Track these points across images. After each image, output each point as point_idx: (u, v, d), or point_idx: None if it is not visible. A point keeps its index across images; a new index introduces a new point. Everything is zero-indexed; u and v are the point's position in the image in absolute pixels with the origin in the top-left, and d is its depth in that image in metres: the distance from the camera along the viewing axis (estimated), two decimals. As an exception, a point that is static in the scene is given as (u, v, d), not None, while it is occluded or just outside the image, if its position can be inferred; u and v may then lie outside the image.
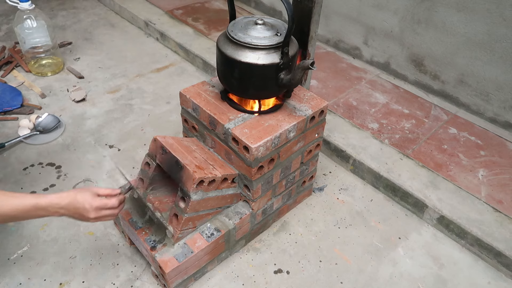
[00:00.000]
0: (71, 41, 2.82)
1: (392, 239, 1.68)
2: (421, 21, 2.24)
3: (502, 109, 2.10)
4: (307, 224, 1.71)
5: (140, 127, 2.15)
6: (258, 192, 1.46)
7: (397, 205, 1.82)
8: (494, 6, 1.93)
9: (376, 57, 2.56)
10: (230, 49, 1.31)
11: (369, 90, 2.37)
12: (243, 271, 1.53)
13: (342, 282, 1.51)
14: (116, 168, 1.88)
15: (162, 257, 1.33)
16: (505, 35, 1.95)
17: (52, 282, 1.44)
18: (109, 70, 2.58)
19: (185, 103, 1.53)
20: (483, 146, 2.01)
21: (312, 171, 1.72)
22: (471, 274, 1.57)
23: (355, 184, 1.91)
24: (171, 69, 2.64)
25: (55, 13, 3.18)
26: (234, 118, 1.40)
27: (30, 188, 1.76)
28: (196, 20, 3.00)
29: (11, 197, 1.11)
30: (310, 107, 1.48)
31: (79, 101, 2.28)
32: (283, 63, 1.30)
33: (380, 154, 1.92)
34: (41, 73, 2.47)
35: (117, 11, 3.24)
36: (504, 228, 1.61)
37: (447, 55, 2.21)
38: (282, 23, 1.40)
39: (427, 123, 2.14)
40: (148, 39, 2.95)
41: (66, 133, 2.07)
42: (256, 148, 1.30)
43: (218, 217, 1.47)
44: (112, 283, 1.45)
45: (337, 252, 1.61)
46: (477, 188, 1.78)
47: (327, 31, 2.76)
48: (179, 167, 1.34)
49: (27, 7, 2.22)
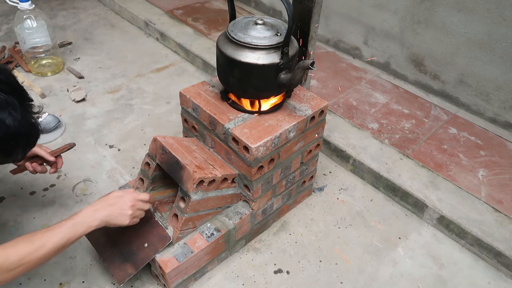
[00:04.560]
0: (71, 41, 2.82)
1: (392, 239, 1.68)
2: (421, 21, 2.24)
3: (502, 109, 2.10)
4: (307, 224, 1.71)
5: (140, 127, 2.15)
6: (258, 192, 1.46)
7: (397, 205, 1.82)
8: (494, 6, 1.93)
9: (376, 57, 2.56)
10: (230, 49, 1.31)
11: (369, 90, 2.37)
12: (243, 271, 1.53)
13: (342, 282, 1.51)
14: (116, 168, 1.88)
15: (162, 257, 1.33)
16: (505, 35, 1.95)
17: (52, 282, 1.44)
18: (109, 70, 2.58)
19: (185, 103, 1.53)
20: (483, 146, 2.01)
21: (312, 171, 1.72)
22: (471, 274, 1.57)
23: (355, 184, 1.91)
24: (171, 69, 2.64)
25: (55, 13, 3.18)
26: (234, 118, 1.40)
27: (30, 188, 1.76)
28: (196, 20, 3.00)
29: (45, 232, 1.11)
30: (310, 107, 1.48)
31: (79, 101, 2.28)
32: (283, 63, 1.30)
33: (380, 154, 1.92)
34: (41, 73, 2.47)
35: (117, 11, 3.24)
36: (504, 228, 1.61)
37: (447, 55, 2.21)
38: (282, 23, 1.40)
39: (427, 123, 2.14)
40: (148, 39, 2.95)
41: (66, 133, 2.07)
42: (256, 148, 1.30)
43: (218, 217, 1.47)
44: (112, 283, 1.45)
45: (337, 252, 1.61)
46: (477, 188, 1.78)
47: (327, 31, 2.76)
48: (179, 167, 1.34)
49: (27, 7, 2.22)
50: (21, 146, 1.16)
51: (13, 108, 1.05)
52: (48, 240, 1.10)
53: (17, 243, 1.07)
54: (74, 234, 1.14)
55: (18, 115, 1.06)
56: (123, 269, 1.34)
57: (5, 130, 1.04)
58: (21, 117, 1.07)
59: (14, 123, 1.05)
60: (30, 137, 1.17)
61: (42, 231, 1.12)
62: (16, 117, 1.05)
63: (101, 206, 1.21)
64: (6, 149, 1.11)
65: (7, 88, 1.07)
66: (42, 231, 1.12)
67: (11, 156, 1.15)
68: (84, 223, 1.16)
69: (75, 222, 1.15)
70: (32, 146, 1.22)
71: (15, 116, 1.05)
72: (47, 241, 1.10)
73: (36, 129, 1.18)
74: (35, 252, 1.07)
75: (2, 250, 1.04)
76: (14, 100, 1.06)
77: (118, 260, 1.36)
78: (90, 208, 1.20)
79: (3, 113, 1.03)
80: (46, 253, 1.09)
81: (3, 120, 1.03)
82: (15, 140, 1.10)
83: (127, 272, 1.33)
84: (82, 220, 1.16)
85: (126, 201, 1.23)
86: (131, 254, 1.35)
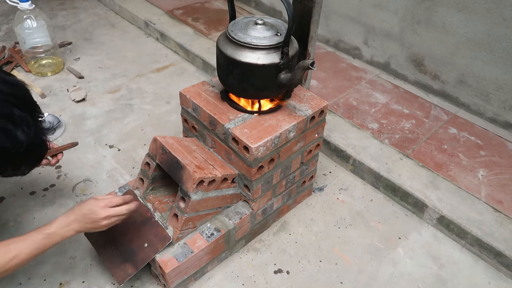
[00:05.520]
0: (71, 41, 2.82)
1: (392, 239, 1.68)
2: (421, 21, 2.24)
3: (502, 109, 2.10)
4: (307, 224, 1.71)
5: (140, 127, 2.15)
6: (258, 192, 1.46)
7: (397, 205, 1.82)
8: (494, 6, 1.93)
9: (376, 57, 2.56)
10: (230, 49, 1.31)
11: (369, 90, 2.37)
12: (243, 271, 1.53)
13: (342, 282, 1.51)
14: (116, 168, 1.88)
15: (162, 257, 1.33)
16: (505, 35, 1.95)
17: (52, 282, 1.44)
18: (109, 70, 2.58)
19: (185, 103, 1.53)
20: (483, 146, 2.01)
21: (312, 171, 1.72)
22: (471, 274, 1.57)
23: (355, 184, 1.91)
24: (171, 69, 2.64)
25: (55, 13, 3.18)
26: (234, 118, 1.40)
27: (30, 188, 1.76)
28: (196, 20, 3.00)
29: (20, 242, 1.13)
30: (310, 107, 1.48)
31: (79, 101, 2.28)
32: (283, 63, 1.30)
33: (380, 154, 1.92)
34: (41, 73, 2.47)
35: (117, 11, 3.24)
36: (504, 228, 1.61)
37: (447, 55, 2.21)
38: (282, 23, 1.40)
39: (427, 123, 2.14)
40: (148, 39, 2.95)
41: (66, 133, 2.07)
42: (256, 148, 1.30)
43: (218, 217, 1.47)
44: (112, 283, 1.45)
45: (337, 252, 1.61)
46: (477, 188, 1.78)
47: (327, 31, 2.76)
48: (179, 167, 1.34)
49: (27, 7, 2.22)
50: (30, 161, 1.18)
51: (27, 125, 1.07)
52: (22, 251, 1.11)
53: None
54: (48, 244, 1.16)
55: (31, 132, 1.08)
56: (123, 269, 1.34)
57: (17, 146, 1.06)
58: (33, 134, 1.10)
59: (26, 139, 1.07)
60: (39, 154, 1.20)
61: (15, 240, 1.13)
62: (28, 134, 1.08)
63: (75, 217, 1.19)
64: (16, 164, 1.13)
65: (23, 104, 1.09)
66: (15, 240, 1.13)
67: (19, 170, 1.17)
68: (58, 234, 1.17)
69: (49, 232, 1.16)
70: (40, 161, 1.24)
71: (28, 132, 1.07)
72: (21, 252, 1.11)
73: (46, 146, 1.20)
74: (9, 262, 1.09)
75: None
76: (28, 117, 1.09)
77: (118, 260, 1.36)
78: (64, 219, 1.19)
79: (17, 129, 1.05)
80: (19, 263, 1.11)
81: (17, 136, 1.05)
82: (25, 156, 1.12)
83: (127, 272, 1.33)
84: (56, 231, 1.17)
85: (97, 213, 1.20)
86: (131, 254, 1.35)
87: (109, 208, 1.22)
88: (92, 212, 1.20)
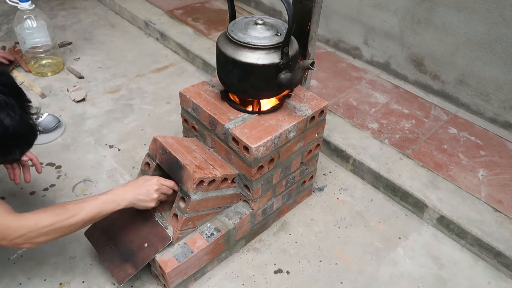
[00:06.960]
0: (71, 41, 2.82)
1: (392, 239, 1.68)
2: (421, 21, 2.24)
3: (502, 109, 2.10)
4: (307, 224, 1.71)
5: (140, 127, 2.15)
6: (258, 192, 1.46)
7: (397, 205, 1.82)
8: (494, 6, 1.93)
9: (376, 57, 2.56)
10: (230, 49, 1.31)
11: (369, 90, 2.37)
12: (243, 271, 1.53)
13: (342, 282, 1.51)
14: (116, 168, 1.88)
15: (162, 257, 1.33)
16: (505, 35, 1.95)
17: (52, 282, 1.44)
18: (109, 70, 2.58)
19: (185, 103, 1.53)
20: (483, 146, 2.01)
21: (312, 171, 1.72)
22: (471, 274, 1.57)
23: (355, 184, 1.91)
24: (171, 69, 2.64)
25: (55, 13, 3.18)
26: (234, 118, 1.40)
27: (30, 188, 1.76)
28: (196, 20, 3.00)
29: (78, 203, 1.21)
30: (310, 107, 1.48)
31: (79, 101, 2.28)
32: (283, 63, 1.30)
33: (380, 154, 1.92)
34: (41, 73, 2.46)
35: (117, 11, 3.24)
36: (504, 228, 1.62)
37: (447, 55, 2.21)
38: (282, 23, 1.40)
39: (427, 123, 2.14)
40: (148, 39, 2.95)
41: (66, 133, 2.07)
42: (256, 148, 1.30)
43: (218, 217, 1.47)
44: (112, 283, 1.45)
45: (337, 252, 1.61)
46: (477, 188, 1.78)
47: (327, 31, 2.76)
48: (179, 167, 1.34)
49: (27, 7, 2.22)
50: (19, 146, 1.20)
51: (11, 109, 1.10)
52: (81, 210, 1.19)
53: (51, 209, 1.17)
54: (104, 209, 1.23)
55: (16, 116, 1.11)
56: (123, 269, 1.34)
57: (3, 130, 1.08)
58: (19, 117, 1.12)
59: (12, 123, 1.09)
60: (28, 137, 1.22)
61: (75, 201, 1.22)
62: (14, 118, 1.10)
63: (130, 187, 1.30)
64: (5, 148, 1.15)
65: (6, 89, 1.11)
66: (75, 202, 1.21)
67: (9, 155, 1.19)
68: (114, 201, 1.25)
69: (106, 198, 1.24)
70: (30, 146, 1.26)
71: (13, 116, 1.10)
72: (80, 211, 1.19)
73: (34, 130, 1.22)
74: (67, 220, 1.16)
75: (33, 214, 1.14)
76: (13, 101, 1.11)
77: (118, 260, 1.36)
78: (121, 188, 1.29)
79: (1, 113, 1.07)
80: (76, 222, 1.18)
81: (1, 120, 1.07)
82: (13, 140, 1.14)
83: (127, 272, 1.33)
84: (113, 198, 1.25)
85: (152, 184, 1.31)
86: (131, 254, 1.35)
87: (161, 184, 1.33)
88: (147, 183, 1.31)
